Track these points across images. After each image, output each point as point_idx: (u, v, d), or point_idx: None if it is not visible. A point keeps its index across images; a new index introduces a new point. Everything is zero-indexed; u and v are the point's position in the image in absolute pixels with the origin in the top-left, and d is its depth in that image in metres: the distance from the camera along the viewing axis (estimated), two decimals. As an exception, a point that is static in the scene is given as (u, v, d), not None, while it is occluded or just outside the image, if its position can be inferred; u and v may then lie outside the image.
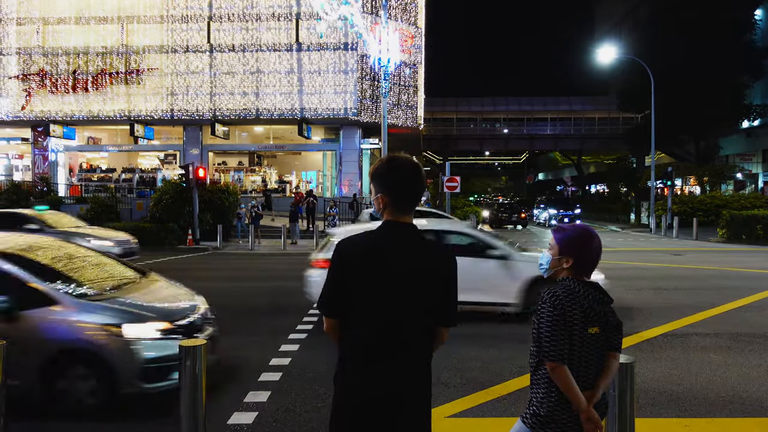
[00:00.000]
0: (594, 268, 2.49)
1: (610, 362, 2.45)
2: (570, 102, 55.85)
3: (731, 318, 8.50)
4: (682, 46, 33.54)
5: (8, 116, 31.17)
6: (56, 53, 31.24)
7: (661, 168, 35.64)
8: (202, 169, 22.00)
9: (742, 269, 14.39)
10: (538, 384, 2.44)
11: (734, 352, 6.67)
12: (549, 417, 2.36)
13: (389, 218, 2.29)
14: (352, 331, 2.24)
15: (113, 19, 31.11)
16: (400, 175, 2.27)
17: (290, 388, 5.42)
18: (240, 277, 13.58)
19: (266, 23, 30.50)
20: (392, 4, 30.94)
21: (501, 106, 57.15)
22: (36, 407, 4.78)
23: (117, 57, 31.13)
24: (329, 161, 34.23)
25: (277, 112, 30.47)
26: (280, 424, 4.59)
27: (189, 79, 30.83)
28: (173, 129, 33.09)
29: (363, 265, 2.21)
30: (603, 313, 2.42)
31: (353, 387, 2.20)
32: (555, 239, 2.54)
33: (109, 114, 31.22)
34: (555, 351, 2.32)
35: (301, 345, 6.96)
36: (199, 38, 30.88)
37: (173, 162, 34.04)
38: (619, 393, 3.09)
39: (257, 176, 34.74)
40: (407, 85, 32.61)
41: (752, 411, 4.88)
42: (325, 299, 2.28)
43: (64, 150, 33.95)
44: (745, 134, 39.62)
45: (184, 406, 3.26)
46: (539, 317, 2.40)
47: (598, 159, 64.01)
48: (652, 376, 5.75)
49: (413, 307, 2.21)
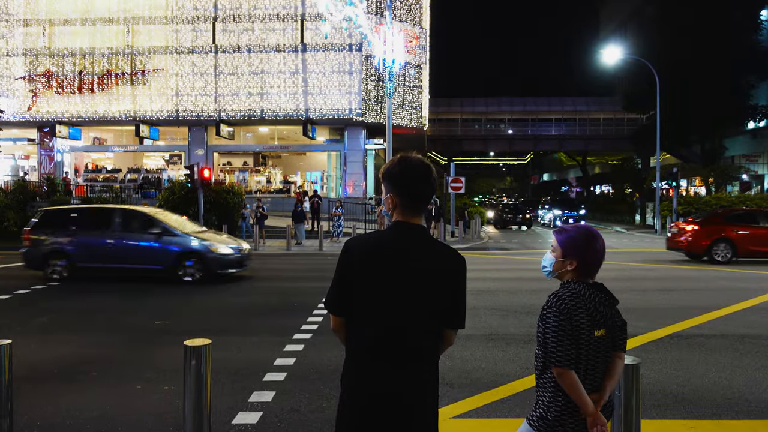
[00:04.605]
0: (598, 270, 2.47)
1: (615, 363, 2.42)
2: (575, 102, 55.73)
3: (737, 319, 8.46)
4: (687, 46, 33.45)
5: (15, 117, 31.33)
6: (62, 54, 31.39)
7: (666, 169, 35.51)
8: (207, 169, 22.03)
9: (748, 270, 14.32)
10: (544, 387, 2.42)
11: (740, 353, 6.64)
12: (557, 421, 2.34)
13: (399, 219, 2.28)
14: (358, 330, 2.23)
15: (119, 21, 31.24)
16: (411, 175, 2.25)
17: (295, 388, 5.42)
18: (244, 277, 13.58)
19: (271, 24, 30.57)
20: (397, 4, 30.97)
21: (506, 106, 57.06)
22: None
23: (122, 58, 31.26)
24: (334, 162, 34.27)
25: (281, 112, 30.52)
26: (285, 424, 4.59)
27: (194, 79, 30.92)
28: (178, 129, 33.20)
29: (370, 264, 2.20)
30: (609, 315, 2.40)
31: (360, 387, 2.19)
32: (557, 241, 2.50)
33: (114, 115, 31.35)
34: (561, 356, 2.29)
35: (305, 345, 6.96)
36: (204, 39, 30.97)
37: (178, 162, 34.14)
38: (625, 394, 3.07)
39: (262, 177, 34.79)
40: (412, 86, 32.62)
41: (759, 413, 4.86)
42: (332, 297, 2.28)
43: (70, 150, 34.11)
44: (750, 135, 39.44)
45: (189, 406, 3.26)
46: (545, 322, 2.36)
47: (603, 160, 63.85)
48: (657, 377, 5.73)
49: (420, 309, 2.20)
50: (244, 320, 8.66)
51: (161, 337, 7.53)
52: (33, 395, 5.21)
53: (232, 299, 10.52)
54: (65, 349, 6.96)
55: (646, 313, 8.85)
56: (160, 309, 9.53)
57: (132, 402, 5.13)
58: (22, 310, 9.36)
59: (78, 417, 4.76)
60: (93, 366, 6.20)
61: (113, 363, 6.38)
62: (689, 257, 16.88)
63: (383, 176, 2.31)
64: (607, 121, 54.33)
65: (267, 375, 5.78)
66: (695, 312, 8.87)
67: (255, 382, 5.58)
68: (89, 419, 4.71)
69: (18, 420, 4.37)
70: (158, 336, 7.63)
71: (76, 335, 7.75)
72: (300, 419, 4.70)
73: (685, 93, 33.29)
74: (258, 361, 6.30)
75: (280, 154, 36.54)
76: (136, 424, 4.63)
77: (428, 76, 35.36)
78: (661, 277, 13.13)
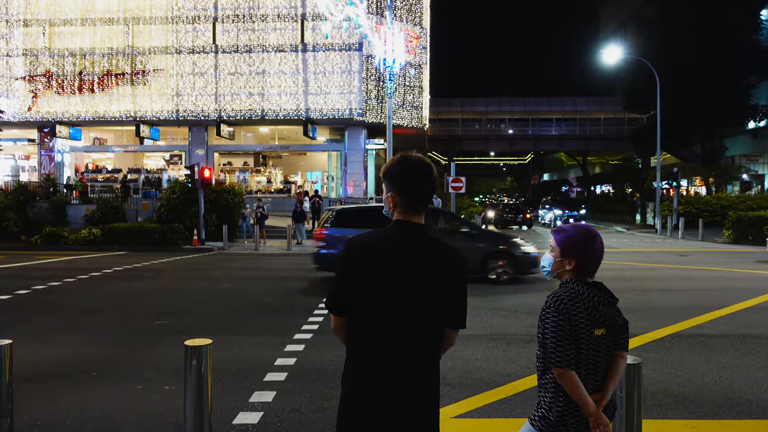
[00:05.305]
0: (597, 269, 2.46)
1: (617, 362, 2.41)
2: (575, 102, 55.73)
3: (738, 319, 8.45)
4: (688, 46, 33.45)
5: (15, 117, 31.33)
6: (62, 54, 31.39)
7: (666, 169, 35.50)
8: (207, 169, 22.07)
9: (749, 270, 14.31)
10: (545, 388, 2.41)
11: (741, 353, 6.63)
12: (559, 421, 2.34)
13: (399, 218, 2.27)
14: (358, 330, 2.22)
15: (119, 21, 31.24)
16: (412, 174, 2.25)
17: (296, 388, 5.42)
18: (245, 277, 13.59)
19: (271, 24, 30.57)
20: (397, 4, 30.96)
21: (506, 106, 57.05)
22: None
23: (123, 58, 31.26)
24: (334, 161, 34.27)
25: (282, 112, 30.52)
26: (286, 424, 4.59)
27: (194, 79, 30.92)
28: (179, 130, 33.20)
29: (370, 264, 2.20)
30: (609, 314, 2.39)
31: (360, 387, 2.19)
32: (556, 240, 2.49)
33: (114, 115, 31.35)
34: (561, 357, 2.28)
35: (306, 345, 6.95)
36: (204, 39, 30.97)
37: (179, 162, 34.15)
38: (626, 394, 3.07)
39: (262, 177, 34.80)
40: (412, 86, 32.61)
41: (760, 413, 4.85)
42: (332, 297, 2.27)
43: (70, 150, 34.11)
44: (751, 135, 39.45)
45: (190, 406, 3.26)
46: (544, 322, 2.35)
47: (604, 160, 63.83)
48: (658, 377, 5.72)
49: (420, 309, 2.19)
50: (245, 320, 8.66)
51: (162, 337, 7.53)
52: (33, 395, 5.21)
53: (232, 299, 10.52)
54: (65, 349, 6.95)
55: (646, 313, 8.85)
56: (161, 309, 9.53)
57: (133, 402, 5.13)
58: (22, 310, 9.36)
59: (78, 417, 4.75)
60: (93, 366, 6.20)
61: (114, 363, 6.37)
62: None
63: (384, 175, 2.31)
64: (608, 121, 54.31)
65: (268, 375, 5.77)
66: (696, 312, 8.86)
67: (256, 382, 5.58)
68: (90, 419, 4.71)
69: (18, 420, 4.36)
70: (158, 336, 7.63)
71: (76, 335, 7.75)
72: (301, 419, 4.70)
73: (686, 93, 33.28)
74: (259, 361, 6.29)
75: (281, 154, 36.54)
76: (136, 424, 4.63)
77: (428, 76, 35.35)
78: (661, 277, 13.12)
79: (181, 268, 15.50)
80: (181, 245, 20.85)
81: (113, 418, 4.75)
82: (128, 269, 14.74)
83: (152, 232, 20.96)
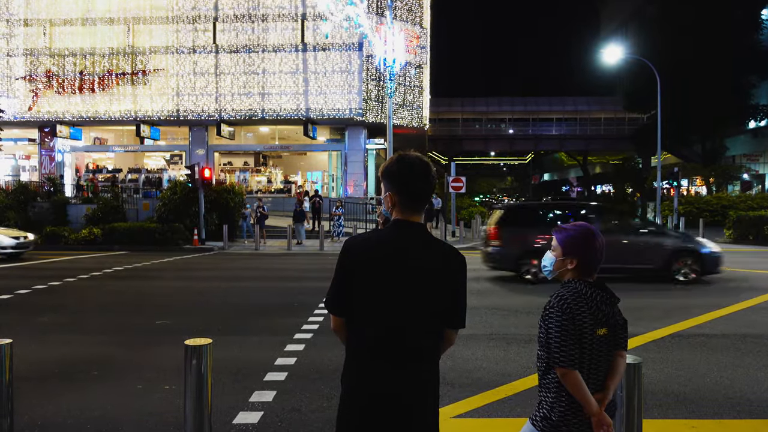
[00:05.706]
0: (598, 268, 2.46)
1: (617, 361, 2.41)
2: (575, 102, 55.71)
3: (738, 319, 8.45)
4: (688, 45, 33.44)
5: (15, 117, 31.33)
6: (63, 54, 31.40)
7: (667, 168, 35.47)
8: (207, 169, 22.06)
9: (749, 270, 14.30)
10: (547, 388, 2.40)
11: (742, 353, 6.63)
12: (561, 421, 2.33)
13: (398, 217, 2.27)
14: (358, 330, 2.22)
15: (119, 20, 31.25)
16: (410, 173, 2.24)
17: (296, 387, 5.42)
18: (245, 277, 13.59)
19: (272, 24, 30.57)
20: (397, 4, 30.97)
21: (506, 106, 57.05)
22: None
23: (123, 58, 31.26)
24: (335, 161, 34.27)
25: (282, 112, 30.52)
26: (286, 424, 4.59)
27: (195, 79, 30.92)
28: (179, 129, 33.21)
29: (370, 264, 2.19)
30: (611, 313, 2.39)
31: (360, 386, 2.19)
32: (557, 240, 2.49)
33: (115, 114, 31.35)
34: (565, 357, 2.28)
35: (306, 345, 6.95)
36: (204, 39, 30.97)
37: (179, 162, 34.15)
38: (627, 394, 3.06)
39: (263, 176, 34.81)
40: (412, 86, 32.61)
41: (760, 412, 4.85)
42: (332, 297, 2.26)
43: (71, 150, 34.12)
44: (751, 134, 39.45)
45: (190, 405, 3.26)
46: (547, 322, 2.35)
47: (604, 159, 63.82)
48: (659, 377, 5.72)
49: (420, 308, 2.19)
50: (245, 320, 8.65)
51: (162, 337, 7.52)
52: (33, 395, 5.21)
53: (232, 299, 10.52)
54: (66, 348, 6.96)
55: (647, 312, 8.84)
56: (161, 308, 9.53)
57: (133, 401, 5.13)
58: (22, 310, 9.36)
59: (79, 416, 4.75)
60: (93, 365, 6.20)
61: (114, 362, 6.37)
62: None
63: (382, 174, 2.30)
64: (608, 120, 54.30)
65: (268, 375, 5.77)
66: (696, 311, 8.85)
67: (256, 381, 5.58)
68: (90, 419, 4.71)
69: (19, 420, 4.36)
70: (159, 335, 7.63)
71: (76, 335, 7.75)
72: (301, 419, 4.70)
73: (686, 92, 33.28)
74: (259, 360, 6.29)
75: (281, 154, 36.54)
76: (137, 424, 4.63)
77: (429, 76, 35.33)
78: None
79: (181, 267, 15.50)
80: (181, 245, 20.86)
81: (113, 417, 4.75)
82: (129, 269, 14.75)
83: (153, 231, 20.97)
